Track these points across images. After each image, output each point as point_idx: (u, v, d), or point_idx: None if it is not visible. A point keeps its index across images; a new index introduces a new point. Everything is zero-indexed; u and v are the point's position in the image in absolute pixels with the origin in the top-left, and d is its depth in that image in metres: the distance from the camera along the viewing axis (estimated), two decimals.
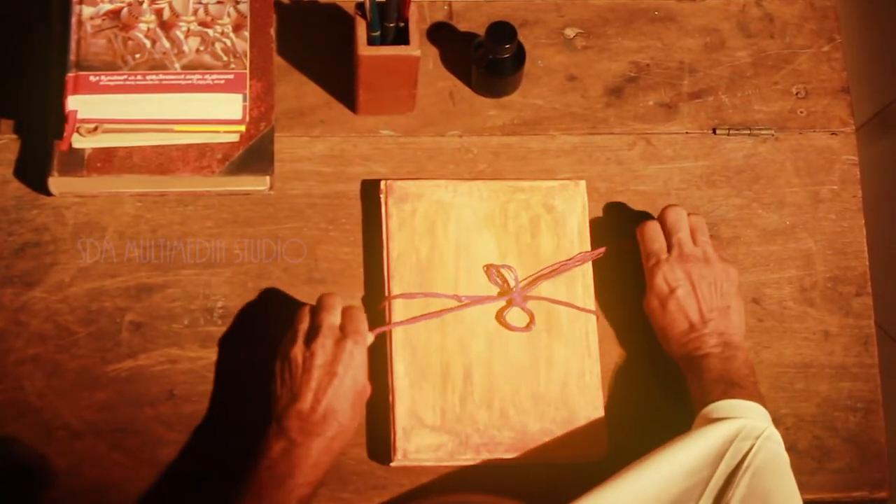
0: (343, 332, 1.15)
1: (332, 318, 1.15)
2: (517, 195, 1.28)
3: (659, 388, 1.25)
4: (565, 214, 1.27)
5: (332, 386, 1.12)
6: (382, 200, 1.27)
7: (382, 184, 1.27)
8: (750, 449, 1.09)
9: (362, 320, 1.17)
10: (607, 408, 1.23)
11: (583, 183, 1.29)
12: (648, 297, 1.22)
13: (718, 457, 1.09)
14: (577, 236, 1.27)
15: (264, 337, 1.22)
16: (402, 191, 1.27)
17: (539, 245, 1.26)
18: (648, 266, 1.22)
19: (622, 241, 1.27)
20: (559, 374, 1.23)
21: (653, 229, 1.23)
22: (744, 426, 1.10)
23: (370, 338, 1.17)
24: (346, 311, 1.17)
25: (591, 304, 1.25)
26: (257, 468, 1.10)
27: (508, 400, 1.22)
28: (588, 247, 1.27)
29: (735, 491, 1.06)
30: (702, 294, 1.20)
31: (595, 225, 1.29)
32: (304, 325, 1.16)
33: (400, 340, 1.22)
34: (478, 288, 1.24)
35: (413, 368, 1.22)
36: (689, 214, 1.24)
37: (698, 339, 1.18)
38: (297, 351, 1.14)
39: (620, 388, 1.25)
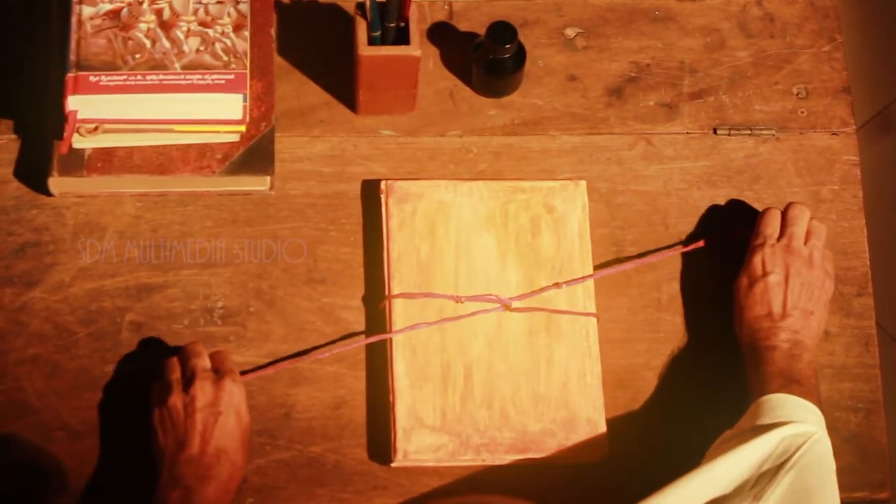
0: (218, 373, 1.15)
1: (204, 362, 1.16)
2: (517, 195, 1.27)
3: (660, 389, 1.25)
4: (566, 215, 1.27)
5: (219, 425, 1.11)
6: (383, 200, 1.26)
7: (383, 184, 1.27)
8: (800, 447, 1.09)
9: (229, 358, 1.17)
10: (608, 409, 1.23)
11: (583, 183, 1.29)
12: (741, 274, 1.22)
13: (766, 459, 1.09)
14: (578, 237, 1.27)
15: (267, 339, 1.22)
16: (403, 191, 1.27)
17: (539, 245, 1.26)
18: (753, 244, 1.23)
19: (722, 234, 1.28)
20: (560, 375, 1.22)
21: (773, 214, 1.25)
22: (796, 430, 1.10)
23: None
24: (213, 355, 1.17)
25: (591, 305, 1.25)
26: None
27: (509, 400, 1.22)
28: (588, 247, 1.27)
29: (777, 486, 1.06)
30: (791, 289, 1.20)
31: (595, 225, 1.29)
32: (176, 374, 1.15)
33: (400, 341, 1.22)
34: (478, 288, 1.24)
35: (413, 369, 1.22)
36: (812, 218, 1.25)
37: (771, 330, 1.18)
38: (176, 398, 1.13)
39: (621, 389, 1.25)
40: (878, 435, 1.26)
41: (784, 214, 1.25)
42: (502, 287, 1.25)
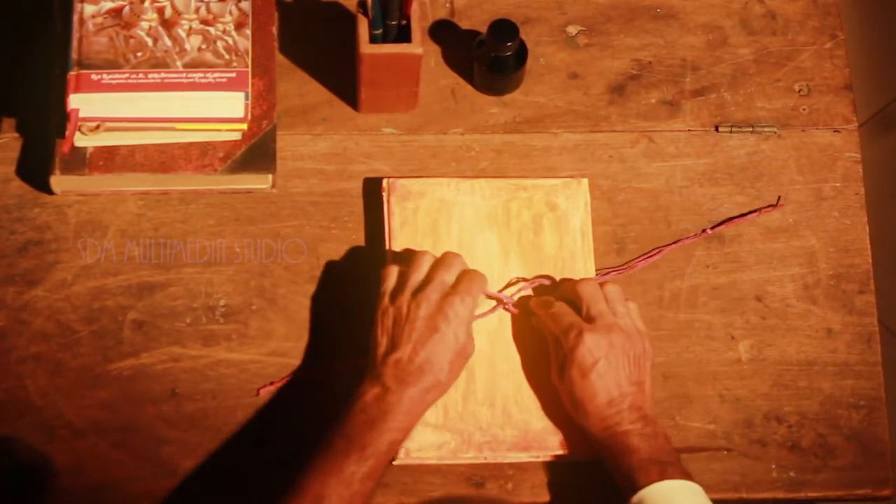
0: (454, 289, 1.16)
1: (446, 275, 1.17)
2: (519, 193, 1.27)
3: (662, 388, 1.25)
4: (568, 213, 1.27)
5: (433, 340, 1.13)
6: (385, 198, 1.26)
7: (385, 182, 1.27)
8: None
9: (478, 283, 1.18)
10: None
11: (585, 181, 1.29)
12: (568, 369, 1.16)
13: None
14: (580, 234, 1.27)
15: (269, 337, 1.23)
16: (405, 189, 1.27)
17: (541, 243, 1.26)
18: (570, 338, 1.16)
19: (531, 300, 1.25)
20: None
21: (562, 307, 1.20)
22: None
23: (484, 306, 1.20)
24: (464, 273, 1.18)
25: None
26: (350, 411, 1.12)
27: (511, 398, 1.22)
28: (591, 245, 1.27)
29: None
30: (622, 367, 1.16)
31: (597, 223, 1.28)
32: (416, 276, 1.17)
33: None
34: None
35: None
36: (601, 284, 1.21)
37: (618, 415, 1.15)
38: (403, 301, 1.15)
39: None
40: (880, 432, 1.26)
41: (578, 299, 1.19)
42: (505, 284, 1.25)
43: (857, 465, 1.24)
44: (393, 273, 1.19)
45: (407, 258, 1.20)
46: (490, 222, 1.27)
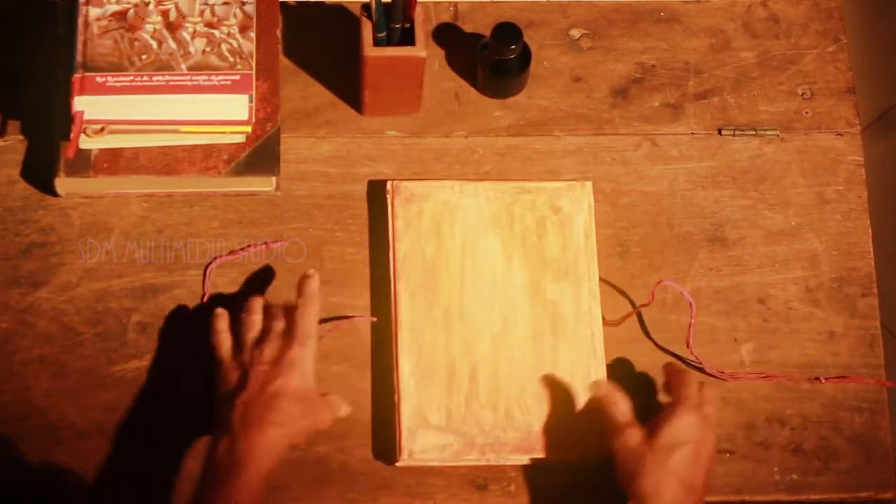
0: (290, 335, 1.15)
1: (279, 323, 1.17)
2: (523, 196, 1.28)
3: (660, 391, 1.25)
4: (571, 216, 1.28)
5: (276, 384, 1.12)
6: (388, 201, 1.27)
7: (389, 184, 1.27)
8: None
9: (311, 320, 1.17)
10: None
11: (589, 184, 1.29)
12: (659, 434, 1.13)
13: None
14: (584, 237, 1.27)
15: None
16: (408, 191, 1.27)
17: (545, 246, 1.27)
18: (679, 401, 1.15)
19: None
20: (565, 376, 1.23)
21: (692, 376, 1.18)
22: None
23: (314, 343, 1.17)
24: (297, 314, 1.17)
25: (596, 305, 1.25)
26: (204, 469, 1.10)
27: (514, 400, 1.22)
28: (594, 248, 1.27)
29: None
30: (704, 461, 1.14)
31: (600, 225, 1.29)
32: (252, 334, 1.17)
33: (406, 341, 1.22)
34: (483, 289, 1.24)
35: (419, 368, 1.22)
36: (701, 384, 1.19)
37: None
38: (246, 353, 1.15)
39: (626, 389, 1.25)
40: (882, 435, 1.26)
41: (685, 375, 1.18)
42: (508, 287, 1.25)
43: (859, 467, 1.24)
44: (224, 338, 1.17)
45: (235, 316, 1.19)
46: (494, 225, 1.27)
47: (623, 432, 1.15)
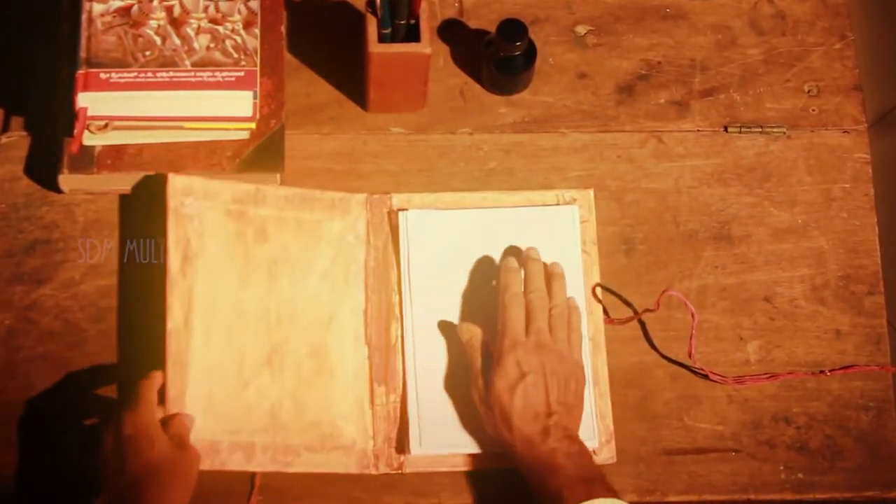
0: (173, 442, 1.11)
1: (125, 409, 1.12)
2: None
3: (670, 389, 1.24)
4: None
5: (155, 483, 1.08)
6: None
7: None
8: None
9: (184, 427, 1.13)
10: (617, 407, 1.23)
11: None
12: (494, 378, 1.15)
13: None
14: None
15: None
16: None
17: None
18: (502, 345, 1.16)
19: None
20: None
21: (518, 311, 1.18)
22: None
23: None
24: (171, 425, 1.12)
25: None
26: None
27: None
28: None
29: None
30: (550, 387, 1.15)
31: (605, 223, 1.28)
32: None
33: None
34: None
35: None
36: (551, 308, 1.18)
37: (543, 432, 1.13)
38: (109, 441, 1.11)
39: (631, 388, 1.25)
40: (888, 434, 1.25)
41: (527, 304, 1.18)
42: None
43: (865, 466, 1.24)
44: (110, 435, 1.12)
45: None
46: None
47: (474, 384, 1.18)
